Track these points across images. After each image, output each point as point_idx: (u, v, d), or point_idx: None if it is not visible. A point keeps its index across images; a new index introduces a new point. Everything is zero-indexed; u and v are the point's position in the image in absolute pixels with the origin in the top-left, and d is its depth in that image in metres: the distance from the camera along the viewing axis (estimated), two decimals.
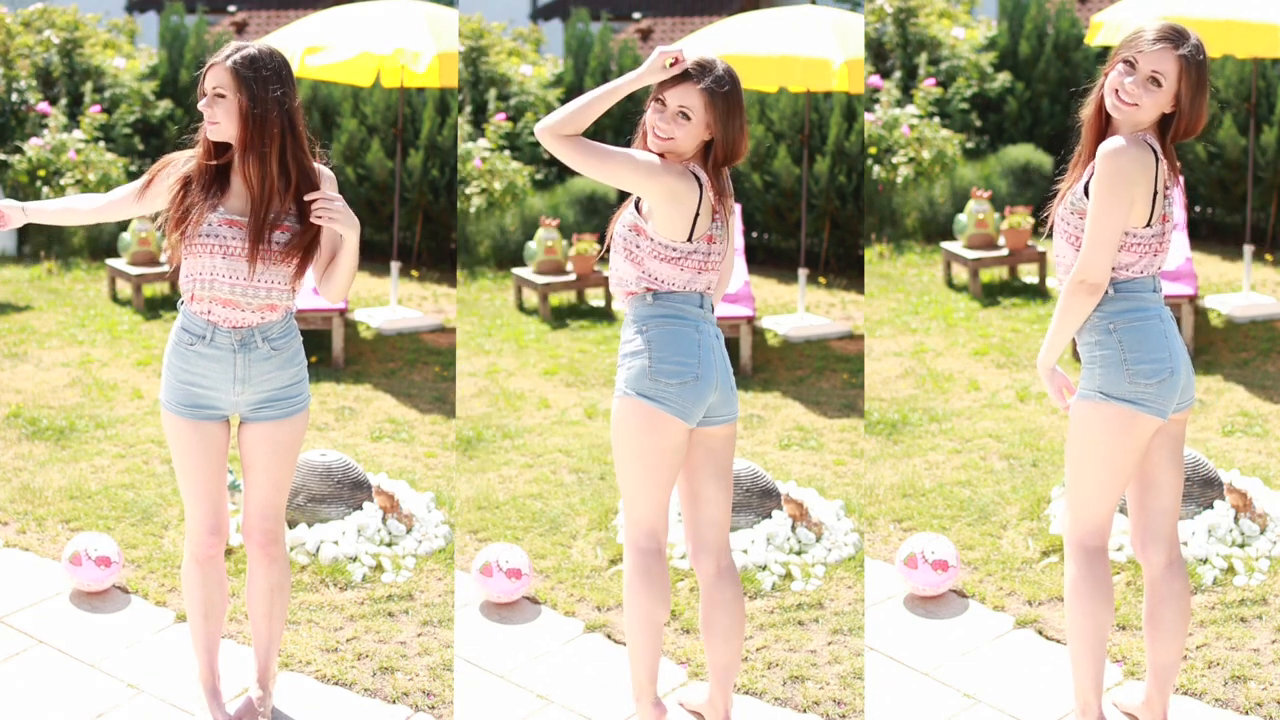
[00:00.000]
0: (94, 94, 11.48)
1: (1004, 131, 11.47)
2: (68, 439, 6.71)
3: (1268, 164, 10.30)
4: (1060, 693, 4.35)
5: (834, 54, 8.32)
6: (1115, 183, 3.67)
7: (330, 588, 5.23)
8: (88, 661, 4.68)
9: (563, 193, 11.16)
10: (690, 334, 3.87)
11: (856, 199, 10.55)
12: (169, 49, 11.84)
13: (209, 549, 4.10)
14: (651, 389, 3.84)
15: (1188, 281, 8.12)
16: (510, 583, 5.07)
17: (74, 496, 5.97)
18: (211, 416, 4.02)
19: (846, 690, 4.56)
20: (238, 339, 3.95)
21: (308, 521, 5.54)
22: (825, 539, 5.52)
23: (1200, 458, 5.51)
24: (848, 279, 10.28)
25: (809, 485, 6.06)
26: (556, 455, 6.60)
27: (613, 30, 12.38)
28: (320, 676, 4.62)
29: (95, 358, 8.15)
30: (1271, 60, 10.44)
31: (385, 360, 8.35)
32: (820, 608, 5.10)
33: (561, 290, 9.47)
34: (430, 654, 4.77)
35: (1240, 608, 4.90)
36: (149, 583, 5.20)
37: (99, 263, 10.31)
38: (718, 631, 4.03)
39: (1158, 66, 3.65)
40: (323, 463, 5.65)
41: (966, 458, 6.33)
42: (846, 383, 7.89)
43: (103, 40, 11.91)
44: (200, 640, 4.19)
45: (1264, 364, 7.80)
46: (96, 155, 10.87)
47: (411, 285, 10.09)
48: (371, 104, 11.17)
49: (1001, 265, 9.47)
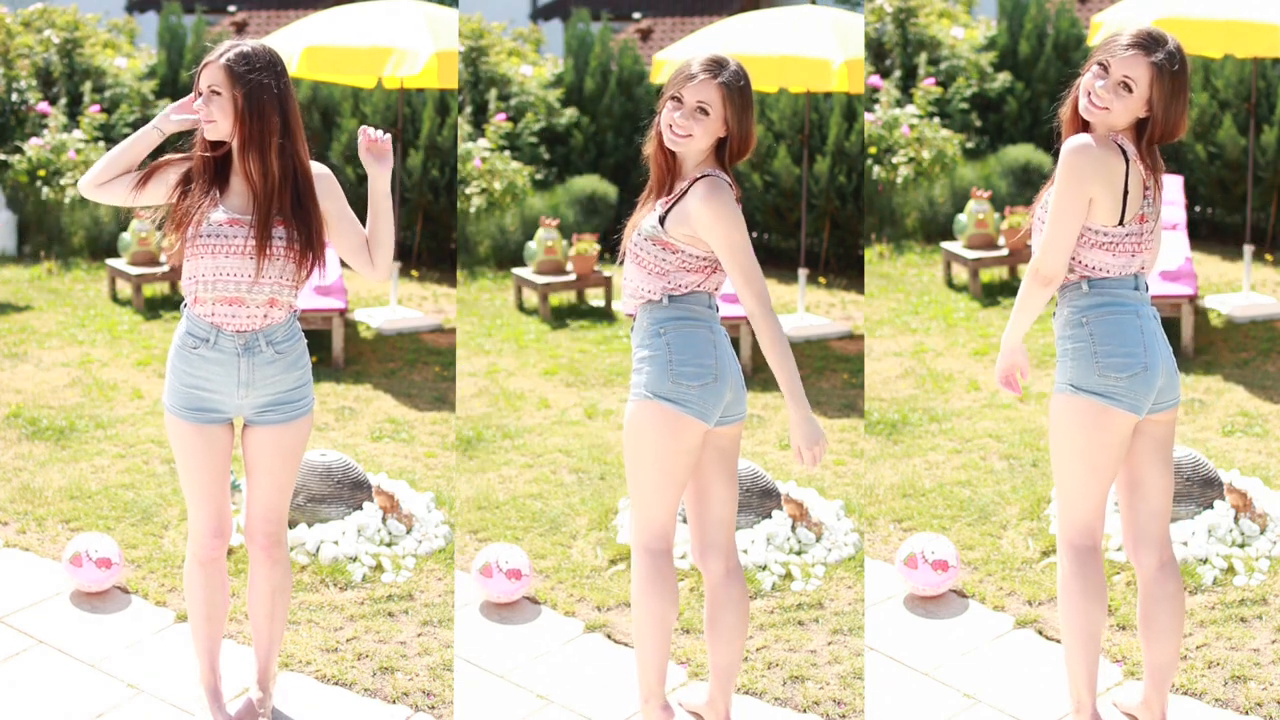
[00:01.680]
0: (94, 94, 11.48)
1: (1004, 131, 11.47)
2: (68, 439, 6.71)
3: (1268, 164, 10.30)
4: (1060, 693, 4.35)
5: (834, 54, 8.32)
6: (1070, 179, 3.71)
7: (330, 588, 5.22)
8: (88, 662, 4.67)
9: (563, 193, 11.17)
10: (706, 335, 3.87)
11: (856, 199, 10.55)
12: (168, 49, 11.85)
13: (212, 551, 4.10)
14: (673, 391, 3.83)
15: (1188, 281, 8.13)
16: (510, 583, 5.06)
17: (74, 496, 5.96)
18: (215, 420, 4.01)
19: (846, 690, 4.56)
20: (241, 343, 3.94)
21: (308, 521, 5.54)
22: (825, 539, 5.52)
23: (1200, 458, 5.51)
24: (848, 279, 10.29)
25: (809, 485, 6.06)
26: (556, 455, 6.61)
27: (613, 30, 12.40)
28: (320, 676, 4.62)
29: (95, 358, 8.15)
30: (1272, 60, 10.44)
31: (385, 360, 8.35)
32: (820, 608, 5.10)
33: (561, 290, 9.48)
34: (430, 654, 4.77)
35: (1240, 608, 4.91)
36: (149, 583, 5.19)
37: (99, 263, 10.32)
38: (722, 631, 4.02)
39: (1129, 72, 3.66)
40: (323, 463, 5.65)
41: (966, 458, 6.34)
42: (846, 383, 7.89)
43: (102, 40, 11.93)
44: (201, 641, 4.19)
45: (1264, 364, 7.81)
46: (96, 155, 10.82)
47: (411, 285, 10.10)
48: (371, 104, 11.17)
49: (1001, 265, 9.48)
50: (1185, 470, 5.42)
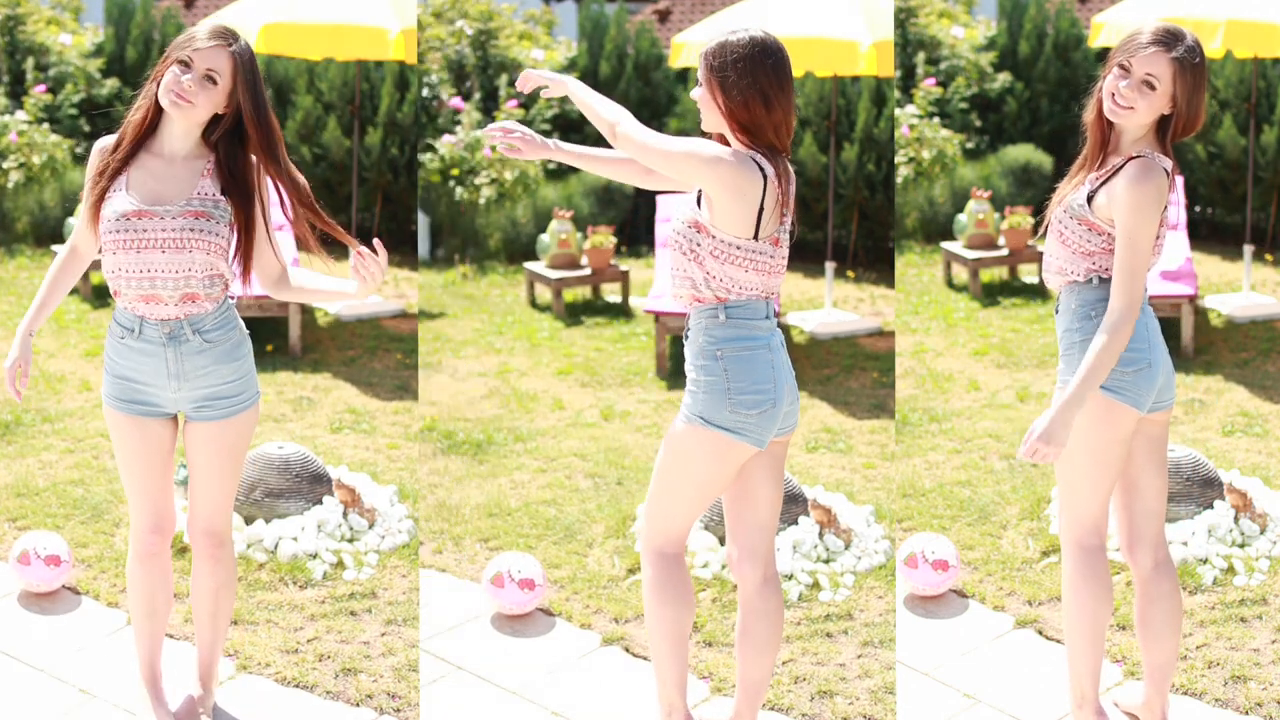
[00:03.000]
0: (36, 72, 10.81)
1: (1003, 131, 11.48)
2: (13, 434, 6.47)
3: (1268, 164, 10.35)
4: (1060, 692, 4.36)
5: (862, 36, 8.00)
6: (1155, 207, 3.70)
7: (289, 586, 5.07)
8: (36, 666, 4.50)
9: (577, 183, 10.85)
10: (764, 356, 3.68)
11: (886, 188, 10.28)
12: (116, 25, 11.23)
13: (151, 546, 4.01)
14: (731, 421, 3.66)
15: (1188, 281, 8.14)
16: (523, 593, 4.91)
17: (20, 494, 5.77)
18: (153, 414, 3.93)
19: (877, 705, 4.43)
20: (166, 332, 3.83)
21: (265, 517, 5.36)
22: (855, 546, 5.38)
23: (1200, 458, 5.52)
24: (877, 272, 10.05)
25: (837, 490, 5.98)
26: (571, 459, 6.49)
27: (629, 11, 11.98)
28: (280, 679, 4.48)
29: (40, 348, 7.79)
30: (1272, 60, 10.48)
31: (344, 348, 8.12)
32: (850, 619, 4.96)
33: (576, 285, 9.18)
34: (395, 654, 4.64)
35: (1240, 608, 4.93)
36: (100, 583, 5.02)
37: (45, 249, 9.87)
38: (755, 644, 3.86)
39: (1151, 70, 3.67)
40: (280, 456, 5.47)
41: (966, 458, 6.35)
42: (876, 381, 7.74)
43: (46, 16, 11.19)
44: (144, 639, 4.10)
45: (1264, 364, 7.83)
46: (41, 137, 10.35)
47: None
48: (328, 80, 10.75)
49: (1001, 265, 9.52)
50: (1185, 470, 5.43)
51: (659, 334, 7.91)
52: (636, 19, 11.90)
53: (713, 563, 5.26)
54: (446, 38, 11.20)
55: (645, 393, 7.59)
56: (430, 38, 11.01)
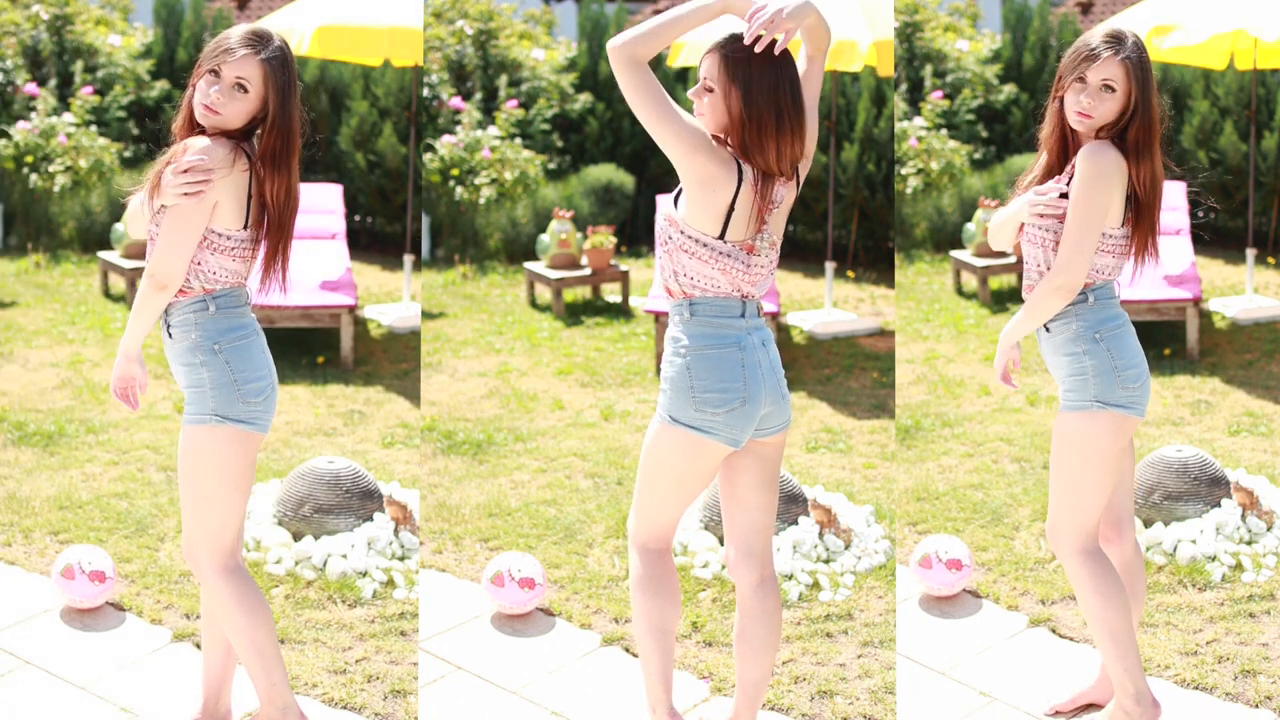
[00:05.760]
0: (85, 74, 10.72)
1: (1009, 141, 11.51)
2: (56, 444, 6.43)
3: (1268, 169, 10.43)
4: (1075, 689, 4.34)
5: (862, 34, 7.96)
6: (1101, 184, 3.77)
7: (338, 604, 4.96)
8: (78, 684, 4.42)
9: (577, 183, 10.82)
10: (733, 355, 3.61)
11: (886, 188, 10.26)
12: (165, 26, 11.14)
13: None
14: (697, 419, 3.62)
15: (1192, 285, 8.19)
16: (523, 593, 4.88)
17: (63, 506, 5.69)
18: None
19: (878, 705, 4.40)
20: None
21: (314, 534, 5.27)
22: (855, 546, 5.37)
23: (1207, 457, 5.54)
24: (877, 272, 10.07)
25: (837, 490, 5.98)
26: (571, 459, 6.48)
27: (629, 11, 11.94)
28: (328, 700, 4.36)
29: (86, 357, 7.79)
30: (1270, 70, 10.53)
31: (397, 361, 8.03)
32: (850, 619, 4.95)
33: (576, 285, 9.16)
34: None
35: (1249, 603, 4.94)
36: (144, 599, 4.93)
37: (90, 255, 9.80)
38: (753, 644, 3.85)
39: (1106, 74, 3.78)
40: (330, 470, 5.37)
41: (979, 461, 6.37)
42: (876, 382, 7.74)
43: (94, 17, 11.03)
44: (215, 659, 3.99)
45: (1268, 365, 7.87)
46: (88, 139, 10.27)
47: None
48: (384, 85, 10.67)
49: (1010, 272, 9.54)
50: (1193, 469, 5.45)
51: (659, 334, 7.91)
52: (636, 18, 11.84)
53: (713, 563, 5.25)
54: (447, 38, 11.16)
55: (645, 393, 7.58)
56: (430, 38, 10.95)
